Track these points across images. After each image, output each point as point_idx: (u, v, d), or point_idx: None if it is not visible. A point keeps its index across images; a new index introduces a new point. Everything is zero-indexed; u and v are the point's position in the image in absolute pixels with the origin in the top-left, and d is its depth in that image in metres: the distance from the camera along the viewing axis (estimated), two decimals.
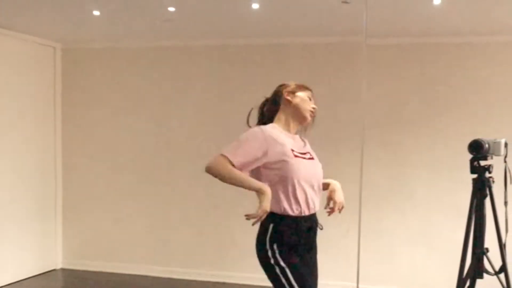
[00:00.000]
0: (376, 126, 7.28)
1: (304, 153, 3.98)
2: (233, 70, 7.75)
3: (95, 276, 8.11)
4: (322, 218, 7.63)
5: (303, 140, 4.16)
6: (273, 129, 3.91)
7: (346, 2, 5.63)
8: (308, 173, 3.88)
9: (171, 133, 8.03)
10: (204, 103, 7.88)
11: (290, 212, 3.83)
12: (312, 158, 4.04)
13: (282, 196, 3.85)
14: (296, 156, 3.85)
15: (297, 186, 3.77)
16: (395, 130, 7.31)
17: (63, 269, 8.46)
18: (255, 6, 5.90)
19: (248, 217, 3.61)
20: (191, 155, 7.89)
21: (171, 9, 6.15)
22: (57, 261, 8.50)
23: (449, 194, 7.07)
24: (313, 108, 4.20)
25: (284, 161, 3.77)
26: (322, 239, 7.75)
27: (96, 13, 6.39)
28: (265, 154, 3.74)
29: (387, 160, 7.32)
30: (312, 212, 3.98)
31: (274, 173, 3.77)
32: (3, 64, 7.36)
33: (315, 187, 3.93)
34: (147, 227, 8.16)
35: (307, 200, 3.86)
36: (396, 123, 7.31)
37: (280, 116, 4.08)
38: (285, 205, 3.83)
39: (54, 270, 8.39)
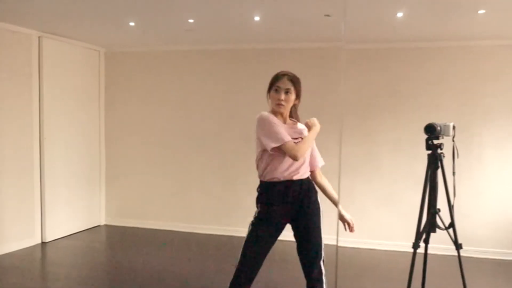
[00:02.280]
0: (351, 113, 7.29)
1: None
2: (238, 68, 7.75)
3: (132, 230, 8.16)
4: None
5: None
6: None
7: (328, 15, 5.62)
8: None
9: (191, 118, 8.04)
10: (215, 94, 7.89)
11: None
12: None
13: None
14: None
15: None
16: (367, 116, 7.30)
17: (106, 225, 8.50)
18: (257, 18, 5.90)
19: None
20: (206, 135, 7.93)
21: (191, 20, 6.14)
22: (101, 219, 8.55)
23: (408, 166, 7.09)
24: (278, 100, 3.83)
25: None
26: None
27: (132, 24, 6.39)
28: None
29: (360, 139, 7.32)
30: None
31: None
32: (59, 64, 7.36)
33: None
34: (173, 192, 8.20)
35: None
36: (367, 111, 7.30)
37: None
38: None
39: (98, 226, 8.43)
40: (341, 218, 4.00)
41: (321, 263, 3.82)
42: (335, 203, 4.02)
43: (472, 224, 6.88)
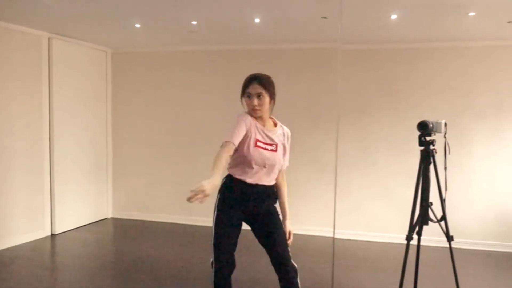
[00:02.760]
0: (348, 111, 7.30)
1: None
2: (239, 68, 7.69)
3: (136, 223, 8.17)
4: (305, 176, 7.65)
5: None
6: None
7: (325, 18, 5.61)
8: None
9: (193, 116, 8.04)
10: (217, 93, 7.88)
11: None
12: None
13: None
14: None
15: None
16: (362, 113, 7.30)
17: (113, 218, 8.51)
18: (257, 20, 5.89)
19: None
20: (207, 132, 7.93)
21: (194, 22, 6.14)
22: (108, 212, 8.56)
23: (402, 161, 7.09)
24: (253, 106, 3.57)
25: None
26: (306, 195, 7.80)
27: (138, 25, 6.38)
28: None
29: (356, 136, 7.32)
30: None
31: None
32: (68, 64, 7.36)
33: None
34: (175, 186, 8.19)
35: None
36: (363, 109, 7.30)
37: None
38: None
39: (106, 218, 8.45)
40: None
41: (291, 260, 3.71)
42: (283, 207, 3.87)
43: (463, 217, 6.89)
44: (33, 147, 6.89)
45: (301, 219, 7.54)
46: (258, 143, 3.58)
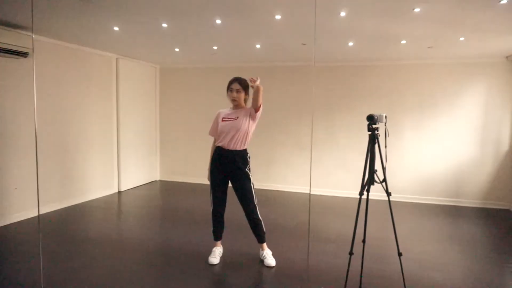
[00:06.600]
0: (319, 109, 7.26)
1: (230, 118, 3.87)
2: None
3: (178, 184, 8.16)
4: (290, 152, 7.59)
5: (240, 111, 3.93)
6: (224, 109, 4.06)
7: (304, 44, 5.57)
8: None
9: (212, 110, 8.00)
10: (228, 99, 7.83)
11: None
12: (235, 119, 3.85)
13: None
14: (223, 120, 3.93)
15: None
16: (330, 110, 7.27)
17: (160, 180, 8.51)
18: (258, 46, 5.85)
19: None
20: None
21: (215, 47, 6.10)
22: (157, 175, 8.55)
23: (357, 142, 7.08)
24: (232, 97, 3.94)
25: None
26: (290, 164, 7.73)
27: (177, 49, 6.34)
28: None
29: (325, 125, 7.29)
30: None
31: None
32: (130, 76, 7.33)
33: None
34: (205, 157, 8.16)
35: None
36: (330, 107, 7.26)
37: None
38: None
39: (155, 180, 8.44)
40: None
41: (255, 208, 3.87)
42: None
43: (397, 179, 6.90)
44: (106, 131, 6.89)
45: (287, 181, 7.55)
46: (224, 119, 3.95)
